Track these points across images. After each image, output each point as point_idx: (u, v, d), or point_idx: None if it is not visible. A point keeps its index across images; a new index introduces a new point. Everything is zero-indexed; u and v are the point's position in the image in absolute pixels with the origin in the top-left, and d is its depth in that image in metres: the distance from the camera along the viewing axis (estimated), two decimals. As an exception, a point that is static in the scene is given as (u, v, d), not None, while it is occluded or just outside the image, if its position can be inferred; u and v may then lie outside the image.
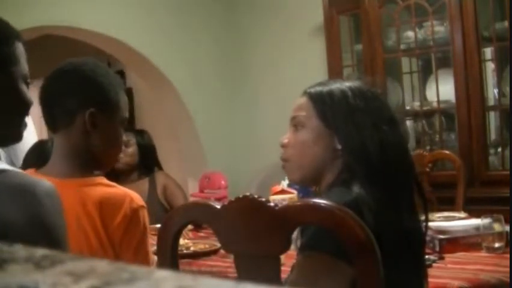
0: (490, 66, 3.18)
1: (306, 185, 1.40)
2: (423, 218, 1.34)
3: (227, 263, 2.07)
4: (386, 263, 1.05)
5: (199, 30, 4.35)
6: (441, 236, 2.10)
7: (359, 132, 1.29)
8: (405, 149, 1.38)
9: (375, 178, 1.25)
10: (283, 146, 1.39)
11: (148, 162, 3.46)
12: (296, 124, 1.37)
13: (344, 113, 1.32)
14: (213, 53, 4.43)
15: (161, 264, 1.24)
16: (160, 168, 3.55)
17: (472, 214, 2.43)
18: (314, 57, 3.87)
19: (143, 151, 3.45)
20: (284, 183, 2.68)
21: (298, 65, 4.04)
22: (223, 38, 4.47)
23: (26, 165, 2.32)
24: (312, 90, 1.38)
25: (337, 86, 1.37)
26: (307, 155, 1.34)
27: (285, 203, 1.17)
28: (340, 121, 1.31)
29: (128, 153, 3.39)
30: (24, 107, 1.17)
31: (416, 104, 3.48)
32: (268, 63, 4.31)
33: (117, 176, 3.41)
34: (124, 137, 3.42)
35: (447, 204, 2.77)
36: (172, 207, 3.28)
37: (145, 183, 3.41)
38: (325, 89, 1.37)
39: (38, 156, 2.26)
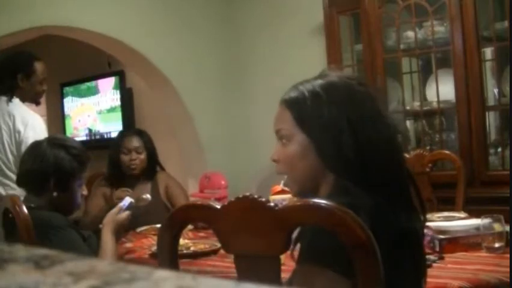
0: (490, 66, 3.18)
1: (307, 194, 1.36)
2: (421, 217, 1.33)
3: (227, 263, 2.07)
4: (385, 264, 1.05)
5: (199, 31, 4.35)
6: (442, 236, 2.10)
7: (334, 139, 1.24)
8: (392, 146, 1.28)
9: (364, 183, 1.21)
10: (273, 161, 1.35)
11: (153, 163, 3.47)
12: (281, 138, 1.33)
13: (317, 120, 1.26)
14: (213, 53, 4.43)
15: (161, 264, 1.23)
16: (162, 168, 3.55)
17: (472, 214, 2.43)
18: (314, 57, 3.87)
19: (150, 154, 3.46)
20: (284, 183, 2.68)
21: (298, 65, 4.02)
22: (223, 39, 4.47)
23: (22, 165, 2.31)
24: (287, 97, 1.32)
25: (309, 87, 1.29)
26: (299, 169, 1.30)
27: (285, 203, 1.17)
28: (314, 130, 1.27)
29: (142, 159, 3.40)
30: None
31: (416, 104, 3.48)
32: (269, 63, 4.31)
33: (131, 181, 3.39)
34: (135, 143, 3.42)
35: (447, 204, 2.78)
36: (174, 207, 3.27)
37: (148, 184, 3.42)
38: (298, 94, 1.30)
39: (34, 158, 2.26)
